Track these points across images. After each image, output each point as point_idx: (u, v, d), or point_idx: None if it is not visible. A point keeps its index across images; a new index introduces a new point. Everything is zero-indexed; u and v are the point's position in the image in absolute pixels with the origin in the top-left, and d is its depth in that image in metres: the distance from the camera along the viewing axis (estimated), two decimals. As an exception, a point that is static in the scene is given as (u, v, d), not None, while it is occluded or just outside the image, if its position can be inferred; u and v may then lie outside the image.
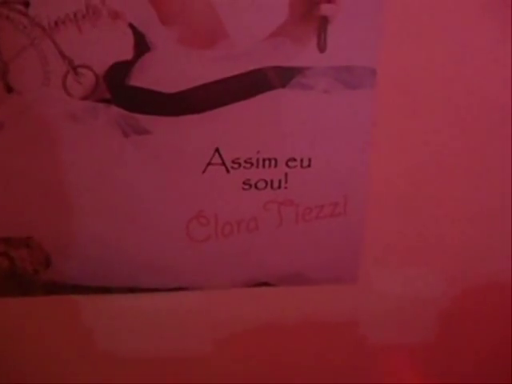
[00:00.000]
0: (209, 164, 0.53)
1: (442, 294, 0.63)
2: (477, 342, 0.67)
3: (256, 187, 0.55)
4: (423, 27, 0.51)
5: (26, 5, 0.46)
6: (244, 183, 0.55)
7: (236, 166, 0.54)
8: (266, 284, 0.60)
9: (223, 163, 0.54)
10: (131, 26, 0.48)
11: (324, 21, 0.50)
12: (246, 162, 0.54)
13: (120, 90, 0.50)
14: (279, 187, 0.55)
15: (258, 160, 0.54)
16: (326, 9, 0.49)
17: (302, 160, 0.54)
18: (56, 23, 0.47)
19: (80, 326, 0.60)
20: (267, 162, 0.54)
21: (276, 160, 0.54)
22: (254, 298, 0.61)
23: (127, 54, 0.49)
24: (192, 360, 0.64)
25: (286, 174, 0.55)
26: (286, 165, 0.54)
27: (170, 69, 0.49)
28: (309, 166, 0.55)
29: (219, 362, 0.64)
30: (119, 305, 0.59)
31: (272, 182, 0.55)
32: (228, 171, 0.54)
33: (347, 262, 0.60)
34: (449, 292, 0.63)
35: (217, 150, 0.53)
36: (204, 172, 0.54)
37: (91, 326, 0.60)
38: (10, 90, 0.49)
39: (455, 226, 0.60)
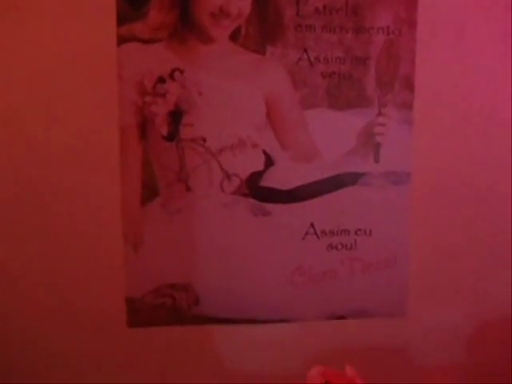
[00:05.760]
0: (306, 234, 0.83)
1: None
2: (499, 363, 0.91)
3: (336, 248, 0.84)
4: (446, 146, 0.84)
5: (204, 140, 0.79)
6: (328, 246, 0.84)
7: (323, 234, 0.84)
8: (341, 317, 0.87)
9: (315, 233, 0.83)
10: (264, 151, 0.80)
11: (377, 145, 0.82)
12: (329, 232, 0.84)
13: (255, 188, 0.81)
14: (351, 248, 0.84)
15: (337, 231, 0.84)
16: (378, 139, 0.82)
17: (365, 230, 0.84)
18: (220, 150, 0.80)
19: (212, 348, 0.86)
20: (343, 232, 0.84)
21: (349, 230, 0.84)
22: (334, 330, 0.87)
23: (260, 167, 0.81)
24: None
25: (355, 240, 0.84)
26: (355, 233, 0.84)
27: (285, 175, 0.81)
28: (370, 234, 0.84)
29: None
30: (241, 332, 0.86)
31: (346, 244, 0.84)
32: (318, 238, 0.84)
33: (398, 300, 0.87)
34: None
35: (311, 224, 0.83)
36: (303, 239, 0.83)
37: (220, 349, 0.86)
38: (188, 189, 0.81)
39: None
